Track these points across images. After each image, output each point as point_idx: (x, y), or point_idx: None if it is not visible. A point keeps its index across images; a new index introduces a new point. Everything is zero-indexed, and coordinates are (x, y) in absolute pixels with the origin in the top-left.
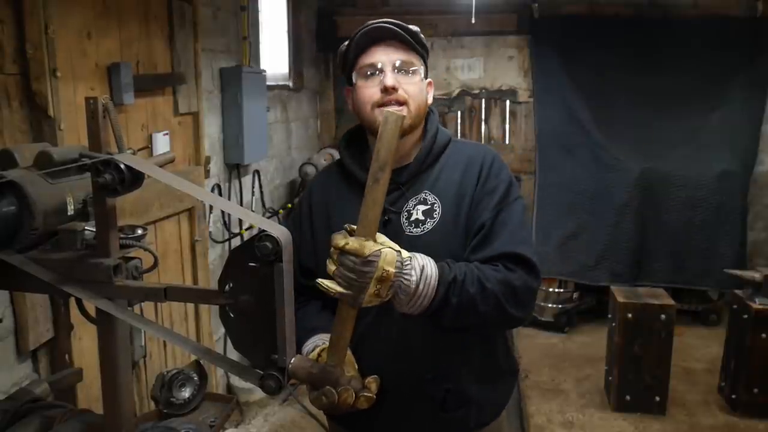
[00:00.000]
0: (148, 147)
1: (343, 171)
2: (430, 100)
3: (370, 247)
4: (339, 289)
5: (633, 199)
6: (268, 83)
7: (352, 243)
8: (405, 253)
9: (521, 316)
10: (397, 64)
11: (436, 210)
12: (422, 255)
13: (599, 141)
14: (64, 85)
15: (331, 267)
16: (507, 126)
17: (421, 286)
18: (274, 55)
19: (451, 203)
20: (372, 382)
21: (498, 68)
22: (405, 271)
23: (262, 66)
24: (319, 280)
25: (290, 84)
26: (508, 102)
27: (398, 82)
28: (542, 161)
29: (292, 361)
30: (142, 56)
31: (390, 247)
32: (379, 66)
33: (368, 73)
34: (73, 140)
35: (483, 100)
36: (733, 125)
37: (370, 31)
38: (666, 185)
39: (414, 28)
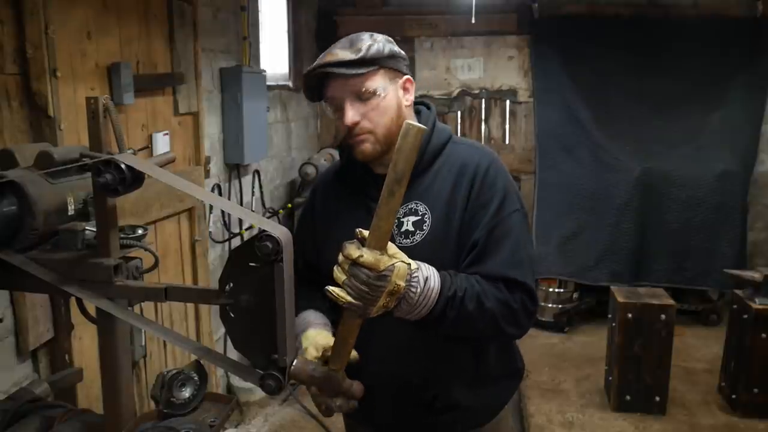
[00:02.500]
0: (148, 147)
1: (346, 173)
2: (407, 102)
3: (384, 261)
4: (349, 299)
5: (633, 199)
6: (268, 83)
7: (367, 256)
8: (413, 264)
9: (517, 334)
10: (355, 91)
11: (425, 222)
12: (427, 266)
13: (599, 141)
14: (64, 85)
15: (341, 276)
16: (507, 126)
17: (422, 298)
18: (274, 55)
19: (441, 215)
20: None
21: (498, 68)
22: (412, 284)
23: (262, 66)
24: (329, 288)
25: (290, 84)
26: (508, 102)
27: (360, 113)
28: (542, 161)
29: (294, 364)
30: (142, 56)
31: (401, 260)
32: (338, 98)
33: (332, 104)
34: (73, 140)
35: (483, 100)
36: (733, 125)
37: (314, 73)
38: (666, 185)
39: (371, 42)
